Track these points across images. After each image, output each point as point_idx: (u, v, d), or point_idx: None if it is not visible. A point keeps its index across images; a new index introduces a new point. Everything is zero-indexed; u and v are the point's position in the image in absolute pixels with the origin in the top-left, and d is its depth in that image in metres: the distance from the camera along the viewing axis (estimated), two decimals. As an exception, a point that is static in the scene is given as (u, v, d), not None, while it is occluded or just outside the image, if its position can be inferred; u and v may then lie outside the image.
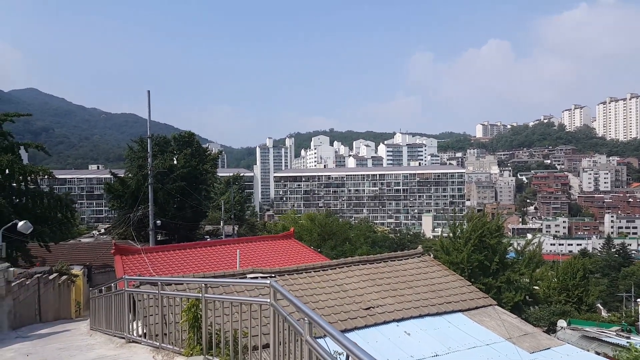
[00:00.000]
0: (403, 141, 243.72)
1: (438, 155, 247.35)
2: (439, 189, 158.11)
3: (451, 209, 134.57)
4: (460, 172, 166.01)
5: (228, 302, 5.45)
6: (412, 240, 65.67)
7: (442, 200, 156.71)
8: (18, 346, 10.03)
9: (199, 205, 44.51)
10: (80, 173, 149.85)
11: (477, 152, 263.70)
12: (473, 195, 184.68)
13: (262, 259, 18.27)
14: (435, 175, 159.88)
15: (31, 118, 31.34)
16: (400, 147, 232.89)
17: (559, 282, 30.69)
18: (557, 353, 7.85)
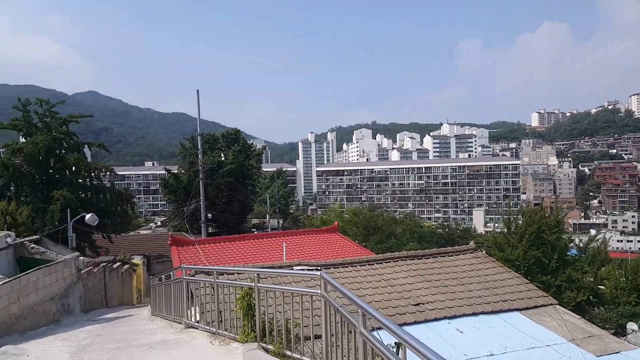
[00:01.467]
0: (451, 132, 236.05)
1: (489, 146, 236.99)
2: (491, 182, 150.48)
3: (505, 203, 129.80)
4: (515, 164, 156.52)
5: (280, 292, 5.69)
6: (462, 235, 63.94)
7: (495, 193, 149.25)
8: (89, 328, 10.97)
9: (246, 200, 45.64)
10: (137, 169, 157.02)
11: (533, 142, 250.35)
12: (529, 188, 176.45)
13: (307, 251, 18.56)
14: (487, 167, 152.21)
15: (92, 119, 33.36)
16: (447, 139, 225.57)
17: (628, 281, 28.83)
18: (629, 358, 7.29)
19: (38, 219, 22.76)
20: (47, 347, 8.00)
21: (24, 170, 25.09)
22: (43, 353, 7.17)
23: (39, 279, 11.77)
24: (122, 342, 7.86)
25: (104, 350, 7.05)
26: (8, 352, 6.77)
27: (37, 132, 25.84)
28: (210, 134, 49.27)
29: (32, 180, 25.50)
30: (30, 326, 11.04)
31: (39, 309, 11.70)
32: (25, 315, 10.90)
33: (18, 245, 15.26)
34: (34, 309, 11.40)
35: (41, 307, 11.85)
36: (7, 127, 27.09)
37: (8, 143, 27.05)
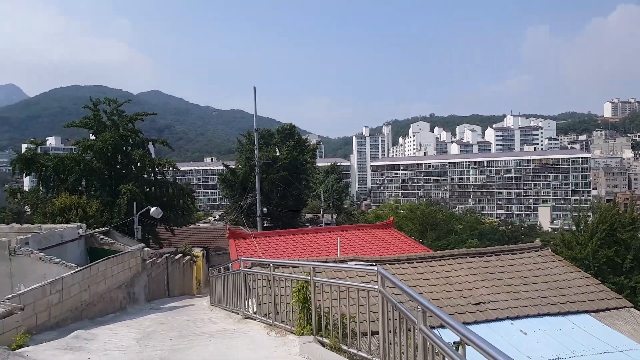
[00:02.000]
0: (515, 124, 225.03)
1: (557, 138, 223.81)
2: (558, 176, 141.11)
3: (574, 199, 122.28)
4: (585, 157, 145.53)
5: (336, 286, 5.65)
6: (527, 233, 61.05)
7: (563, 188, 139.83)
8: (153, 316, 11.50)
9: (300, 194, 46.10)
10: (197, 165, 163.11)
11: (605, 134, 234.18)
12: (601, 183, 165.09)
13: (362, 247, 18.43)
14: (554, 161, 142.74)
15: (155, 117, 34.93)
16: (511, 131, 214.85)
17: None
18: None
19: (106, 212, 24.15)
20: (114, 332, 8.44)
21: (94, 165, 26.69)
22: (111, 338, 7.56)
23: (107, 269, 12.47)
24: (184, 330, 8.15)
25: (167, 338, 7.33)
26: (80, 337, 7.19)
27: (105, 130, 27.39)
28: (265, 129, 50.24)
29: (101, 175, 27.08)
30: (99, 312, 11.73)
31: (107, 297, 12.40)
32: (95, 302, 11.59)
33: (89, 237, 16.27)
34: (102, 296, 12.09)
35: (109, 295, 12.56)
36: (79, 125, 28.94)
37: (79, 140, 28.91)
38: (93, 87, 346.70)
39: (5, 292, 10.72)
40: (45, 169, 25.83)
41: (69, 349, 6.31)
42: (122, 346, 6.77)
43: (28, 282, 11.03)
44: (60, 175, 26.25)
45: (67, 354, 6.06)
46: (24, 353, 5.74)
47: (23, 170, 26.16)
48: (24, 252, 11.83)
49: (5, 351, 5.41)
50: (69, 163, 26.08)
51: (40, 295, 9.17)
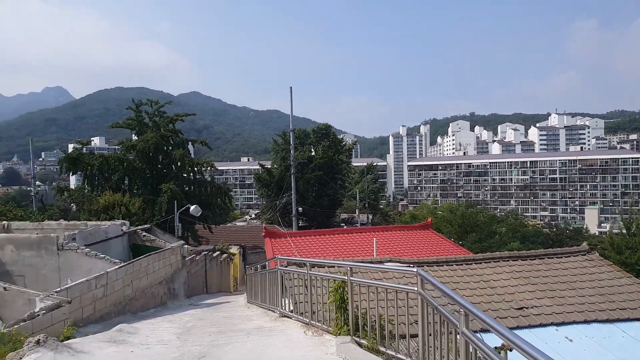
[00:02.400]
0: (560, 123, 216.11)
1: (605, 138, 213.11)
2: (607, 178, 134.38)
3: (623, 201, 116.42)
4: (636, 157, 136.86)
5: (374, 287, 5.60)
6: (572, 236, 58.61)
7: (611, 190, 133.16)
8: (192, 312, 11.75)
9: (335, 194, 46.08)
10: (234, 165, 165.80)
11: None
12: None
13: (398, 248, 18.22)
14: (603, 161, 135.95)
15: (194, 117, 35.72)
16: (556, 130, 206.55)
17: None
18: None
19: (148, 210, 24.90)
20: (155, 327, 8.66)
21: (137, 165, 27.59)
22: (153, 332, 7.77)
23: (149, 264, 12.84)
24: (222, 327, 8.27)
25: (206, 334, 7.46)
26: (123, 330, 7.43)
27: (147, 131, 28.27)
28: (301, 129, 50.49)
29: (143, 174, 27.96)
30: (141, 307, 12.09)
31: (148, 292, 12.76)
32: (137, 297, 11.95)
33: (132, 233, 16.80)
34: (144, 291, 12.46)
35: (150, 291, 12.92)
36: (122, 126, 30.00)
37: (123, 141, 29.95)
38: (135, 89, 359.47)
39: (53, 286, 11.22)
40: (90, 168, 26.91)
41: (113, 342, 6.52)
42: (163, 340, 6.93)
43: (74, 276, 11.50)
44: (104, 174, 27.30)
45: (112, 346, 6.26)
46: (72, 344, 5.96)
47: (70, 169, 27.34)
48: (71, 248, 12.34)
49: (54, 342, 5.64)
50: (113, 162, 27.08)
51: (86, 289, 9.53)
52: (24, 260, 12.36)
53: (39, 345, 5.42)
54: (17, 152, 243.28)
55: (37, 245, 12.37)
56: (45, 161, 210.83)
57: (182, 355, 5.85)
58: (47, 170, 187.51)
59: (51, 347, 5.46)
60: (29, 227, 16.35)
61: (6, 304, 8.80)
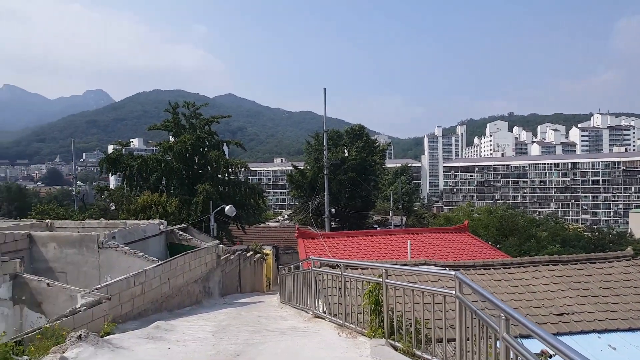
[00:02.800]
0: (603, 123, 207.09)
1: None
2: None
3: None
4: None
5: (409, 289, 5.52)
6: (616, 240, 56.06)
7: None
8: (227, 310, 11.92)
9: (368, 195, 45.83)
10: (267, 166, 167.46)
11: None
12: None
13: (434, 251, 17.98)
14: None
15: (229, 119, 36.34)
16: (599, 131, 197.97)
17: None
18: None
19: (184, 210, 25.47)
20: (192, 325, 8.82)
21: (174, 166, 28.28)
22: (189, 330, 7.91)
23: (185, 263, 13.11)
24: (256, 326, 8.35)
25: (240, 332, 7.54)
26: (160, 327, 7.59)
27: (184, 132, 28.93)
28: (334, 130, 50.46)
29: (180, 174, 28.63)
30: (177, 305, 12.35)
31: (184, 290, 13.03)
32: (173, 295, 12.21)
33: (169, 232, 17.21)
34: (180, 289, 12.72)
35: (186, 289, 13.19)
36: (160, 128, 30.83)
37: (160, 142, 30.76)
38: (172, 91, 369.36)
39: (93, 282, 11.62)
40: (129, 168, 27.77)
41: (151, 339, 6.67)
42: (199, 338, 7.05)
43: (114, 274, 11.87)
44: (143, 175, 28.11)
45: (149, 343, 6.40)
46: (111, 340, 6.14)
47: (110, 170, 28.30)
48: (111, 246, 12.74)
49: (95, 337, 5.82)
50: (151, 163, 27.86)
51: (125, 286, 9.81)
52: (66, 257, 12.84)
53: (80, 340, 5.60)
54: (60, 153, 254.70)
55: (78, 243, 12.84)
56: (86, 162, 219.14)
57: (217, 353, 5.92)
58: (88, 170, 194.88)
59: (92, 342, 5.63)
60: (70, 226, 16.98)
61: (49, 300, 9.14)
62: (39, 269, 12.47)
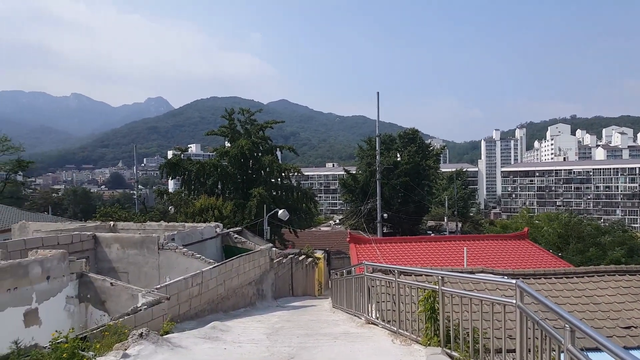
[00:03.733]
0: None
1: None
2: None
3: None
4: None
5: (467, 298, 5.35)
6: (689, 251, 51.67)
7: None
8: (280, 313, 12.06)
9: (422, 201, 45.00)
10: (319, 170, 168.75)
11: None
12: None
13: (491, 258, 17.44)
14: None
15: (282, 124, 36.96)
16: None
17: None
18: None
19: (239, 213, 26.11)
20: (246, 326, 9.00)
21: (229, 170, 29.11)
22: (244, 331, 8.08)
23: (240, 265, 13.41)
24: (309, 330, 8.38)
25: (294, 335, 7.60)
26: (216, 328, 7.81)
27: (240, 138, 29.72)
28: (387, 134, 50.01)
29: (235, 179, 29.41)
30: (231, 306, 12.64)
31: (239, 292, 13.32)
32: (228, 297, 12.52)
33: (224, 235, 17.68)
34: (235, 291, 13.02)
35: (241, 290, 13.48)
36: (217, 134, 31.85)
37: (217, 147, 31.76)
38: (228, 98, 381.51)
39: (153, 282, 12.12)
40: (187, 173, 28.87)
41: (208, 339, 6.87)
42: (253, 339, 7.17)
43: (172, 274, 12.33)
44: (200, 179, 29.13)
45: (206, 342, 6.59)
46: (170, 339, 6.37)
47: (169, 174, 29.56)
48: (170, 248, 13.25)
49: (155, 336, 6.07)
50: (208, 168, 28.83)
51: (183, 287, 10.16)
52: (129, 258, 13.49)
53: (142, 338, 5.85)
54: (122, 158, 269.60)
55: (140, 245, 13.45)
56: (147, 166, 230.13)
57: (272, 355, 6.00)
58: (148, 175, 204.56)
59: (152, 340, 5.87)
60: (132, 228, 17.84)
61: (112, 298, 9.62)
62: (102, 268, 13.16)
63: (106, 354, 5.42)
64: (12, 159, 45.61)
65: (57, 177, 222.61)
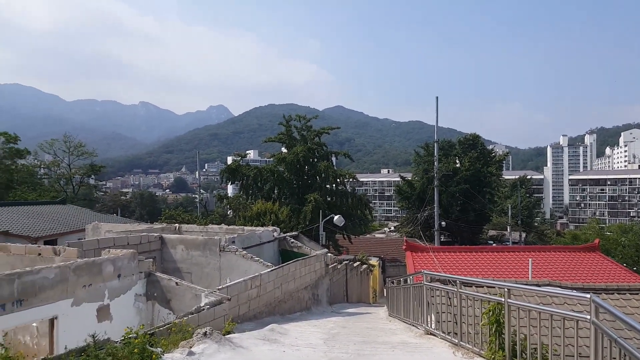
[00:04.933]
0: None
1: None
2: None
3: None
4: None
5: (536, 311, 5.10)
6: None
7: None
8: (335, 319, 12.05)
9: (483, 209, 43.50)
10: (374, 176, 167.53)
11: None
12: None
13: (558, 271, 16.65)
14: None
15: (337, 130, 37.16)
16: None
17: None
18: None
19: (294, 218, 26.47)
20: (303, 330, 9.07)
21: (285, 176, 29.63)
22: (301, 335, 8.14)
23: (297, 269, 13.56)
24: (366, 337, 8.30)
25: (351, 342, 7.55)
26: (274, 330, 7.93)
27: (296, 144, 30.19)
28: (446, 140, 48.89)
29: (291, 184, 29.89)
30: (288, 310, 12.79)
31: (295, 296, 13.46)
32: (285, 300, 12.68)
33: (281, 239, 17.97)
34: (291, 295, 13.17)
35: (297, 295, 13.61)
36: (274, 140, 32.57)
37: (274, 153, 32.45)
38: (285, 105, 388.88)
39: (214, 283, 12.51)
40: (246, 178, 29.69)
41: (267, 340, 6.99)
42: (311, 344, 7.21)
43: (232, 276, 12.68)
44: (258, 184, 29.87)
45: (266, 344, 6.71)
46: (232, 339, 6.54)
47: (229, 179, 30.57)
48: (231, 250, 13.64)
49: (218, 335, 6.25)
50: (265, 173, 29.52)
51: (243, 288, 10.41)
52: (192, 259, 14.04)
53: (206, 337, 6.06)
54: (185, 164, 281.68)
55: (202, 246, 13.97)
56: (208, 172, 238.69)
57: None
58: (209, 179, 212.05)
59: (216, 340, 6.05)
60: (195, 230, 18.56)
61: (177, 297, 10.01)
62: (167, 268, 13.78)
63: (173, 351, 5.63)
64: (86, 164, 49.03)
65: (126, 181, 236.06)
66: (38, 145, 48.31)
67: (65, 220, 25.87)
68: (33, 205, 28.45)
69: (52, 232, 22.80)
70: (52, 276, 8.05)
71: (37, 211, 26.54)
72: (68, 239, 19.53)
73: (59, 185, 47.59)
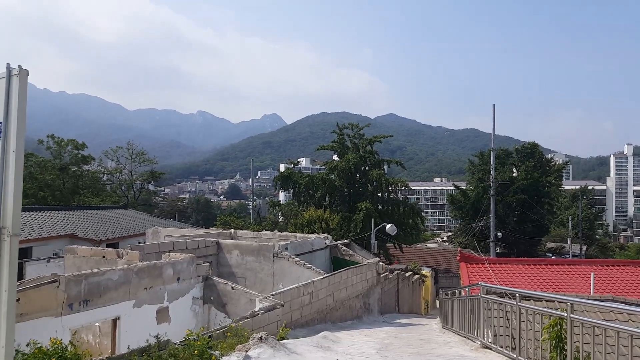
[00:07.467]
0: None
1: None
2: None
3: None
4: None
5: (601, 328, 4.89)
6: None
7: None
8: (387, 329, 11.97)
9: (541, 220, 41.66)
10: (426, 185, 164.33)
11: None
12: None
13: (621, 286, 15.84)
14: None
15: (388, 138, 36.92)
16: None
17: None
18: None
19: (345, 226, 26.50)
20: (355, 339, 9.08)
21: (337, 184, 29.76)
22: (353, 344, 8.16)
23: (348, 278, 13.61)
24: (420, 349, 8.20)
25: (404, 353, 7.49)
26: (327, 337, 8.00)
27: (348, 152, 30.30)
28: (502, 148, 47.33)
29: (342, 192, 29.98)
30: (339, 318, 12.85)
31: (346, 304, 13.50)
32: (336, 308, 12.75)
33: (333, 247, 18.08)
34: (343, 303, 13.22)
35: (348, 303, 13.64)
36: (327, 148, 32.87)
37: (326, 161, 32.73)
38: (337, 113, 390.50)
39: (268, 288, 12.78)
40: (298, 185, 30.11)
41: (320, 348, 7.07)
42: (364, 353, 7.22)
43: (285, 282, 12.91)
44: (309, 192, 30.19)
45: (319, 351, 6.79)
46: (286, 344, 6.67)
47: (282, 186, 31.12)
48: (284, 256, 13.90)
49: (273, 340, 6.41)
50: (317, 181, 29.80)
51: (295, 295, 10.60)
52: (246, 264, 14.42)
53: (261, 342, 6.22)
54: (239, 171, 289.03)
55: (257, 252, 14.32)
56: (261, 179, 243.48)
57: (383, 370, 5.99)
58: (262, 187, 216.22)
59: (271, 345, 6.21)
60: (249, 236, 19.03)
61: (232, 301, 10.31)
62: (223, 272, 14.22)
63: (230, 354, 5.82)
64: (146, 170, 51.56)
65: (183, 187, 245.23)
66: (103, 152, 51.35)
67: (126, 225, 27.27)
68: (97, 210, 30.23)
69: (114, 235, 24.05)
70: (116, 278, 8.50)
71: (100, 215, 28.14)
72: (129, 242, 20.49)
73: (121, 191, 50.21)
